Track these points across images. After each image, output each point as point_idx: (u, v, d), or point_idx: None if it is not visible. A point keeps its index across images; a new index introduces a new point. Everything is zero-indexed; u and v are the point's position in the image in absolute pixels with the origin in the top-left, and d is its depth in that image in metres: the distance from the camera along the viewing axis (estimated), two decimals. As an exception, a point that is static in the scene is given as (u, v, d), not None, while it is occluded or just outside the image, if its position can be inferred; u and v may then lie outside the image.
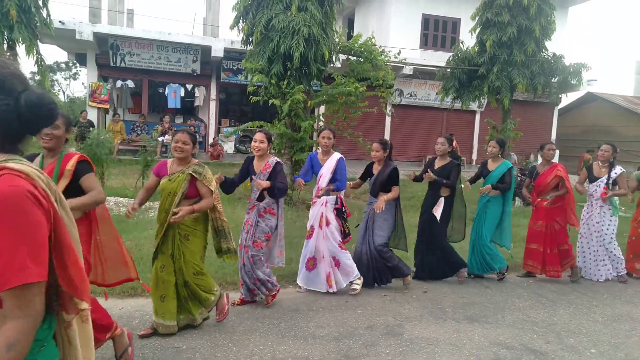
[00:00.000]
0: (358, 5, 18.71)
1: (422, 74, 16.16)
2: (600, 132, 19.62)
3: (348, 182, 5.11)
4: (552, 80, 11.01)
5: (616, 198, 5.72)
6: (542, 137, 18.99)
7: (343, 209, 4.84)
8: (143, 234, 6.10)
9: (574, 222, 5.52)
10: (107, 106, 15.28)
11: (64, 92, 32.68)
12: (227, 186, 4.25)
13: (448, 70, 11.60)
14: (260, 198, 4.28)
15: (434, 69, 12.28)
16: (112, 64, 14.78)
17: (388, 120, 17.21)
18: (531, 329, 4.16)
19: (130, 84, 15.84)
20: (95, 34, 13.80)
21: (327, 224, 4.70)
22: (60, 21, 12.75)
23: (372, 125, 16.27)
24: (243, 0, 8.56)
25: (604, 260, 5.77)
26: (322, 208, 4.73)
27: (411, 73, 16.10)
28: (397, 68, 14.23)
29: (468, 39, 11.70)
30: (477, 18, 10.98)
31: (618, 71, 53.10)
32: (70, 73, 32.44)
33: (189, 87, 16.05)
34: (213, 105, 16.37)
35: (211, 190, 3.60)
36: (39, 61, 7.58)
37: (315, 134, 10.00)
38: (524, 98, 16.42)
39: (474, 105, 13.73)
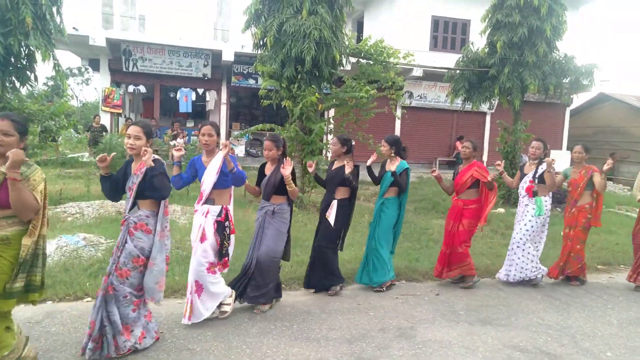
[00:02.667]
0: (367, 8, 18.72)
1: (432, 75, 16.12)
2: (613, 133, 19.39)
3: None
4: (564, 81, 10.92)
5: (544, 199, 5.32)
6: (554, 139, 18.87)
7: (227, 223, 3.96)
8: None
9: (482, 221, 5.20)
10: (120, 111, 15.47)
11: (76, 97, 33.12)
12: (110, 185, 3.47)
13: (457, 71, 11.56)
14: (132, 208, 3.37)
15: (444, 70, 12.24)
16: (124, 69, 14.97)
17: (398, 122, 17.18)
18: (545, 332, 4.13)
19: (143, 88, 16.02)
20: (107, 40, 13.99)
21: (202, 239, 3.85)
22: (74, 27, 12.96)
23: (382, 127, 16.22)
24: (254, 5, 8.62)
25: (524, 261, 5.34)
26: (201, 219, 3.89)
27: (421, 75, 16.06)
28: (406, 70, 14.21)
29: (478, 40, 11.66)
30: (487, 19, 10.93)
31: (633, 70, 52.41)
32: (83, 78, 32.89)
33: (200, 91, 16.20)
34: (224, 109, 16.49)
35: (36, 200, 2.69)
36: (56, 66, 7.71)
37: (325, 137, 10.04)
38: (535, 99, 16.28)
39: (484, 107, 13.66)
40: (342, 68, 9.65)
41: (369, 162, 5.02)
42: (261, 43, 8.95)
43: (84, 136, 16.95)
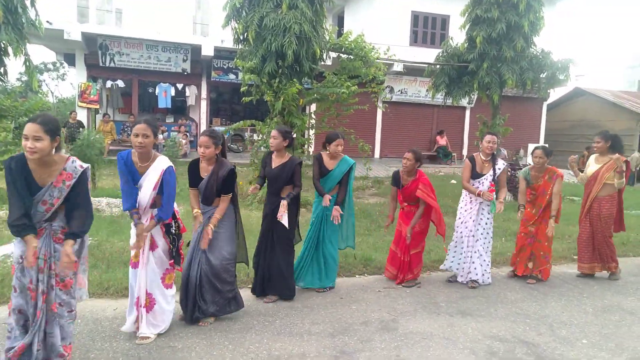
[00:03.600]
0: (348, 3, 18.73)
1: (413, 70, 16.23)
2: (589, 127, 19.83)
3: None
4: (541, 76, 11.11)
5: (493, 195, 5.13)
6: (532, 132, 19.24)
7: (173, 222, 3.66)
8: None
9: (442, 231, 5.06)
10: (97, 106, 15.17)
11: (52, 93, 32.35)
12: None
13: (437, 66, 11.66)
14: (52, 217, 2.86)
15: (425, 66, 12.33)
16: (101, 64, 14.68)
17: (379, 117, 17.27)
18: (523, 322, 4.21)
19: (120, 83, 15.74)
20: (83, 34, 13.69)
21: (153, 247, 3.53)
22: (47, 21, 12.62)
23: (363, 122, 16.31)
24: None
25: (474, 262, 5.15)
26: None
27: (401, 70, 16.16)
28: (387, 65, 14.27)
29: (457, 35, 11.77)
30: (466, 14, 11.04)
31: (608, 65, 53.68)
32: (59, 74, 32.11)
33: (180, 86, 15.99)
34: (204, 105, 16.32)
35: None
36: (27, 62, 7.50)
37: (306, 132, 10.04)
38: (513, 94, 16.57)
39: (464, 102, 13.82)
40: (322, 63, 9.65)
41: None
42: (242, 38, 8.88)
43: (60, 132, 16.60)
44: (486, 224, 5.18)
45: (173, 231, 3.64)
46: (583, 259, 5.61)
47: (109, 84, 15.55)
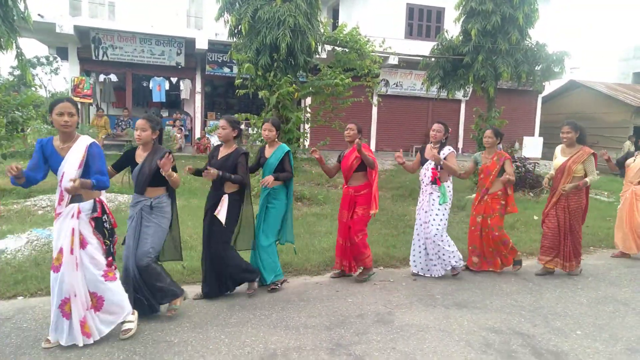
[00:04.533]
0: (342, -4, 18.61)
1: (408, 63, 16.18)
2: (583, 119, 19.86)
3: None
4: (536, 69, 11.10)
5: (447, 185, 5.06)
6: (527, 125, 19.28)
7: (104, 217, 3.43)
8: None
9: (373, 209, 4.83)
10: (91, 101, 15.04)
11: (45, 87, 32.09)
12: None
13: (432, 59, 11.63)
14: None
15: (420, 58, 12.29)
16: (94, 58, 14.54)
17: (375, 110, 17.24)
18: (518, 313, 4.24)
19: (114, 77, 15.61)
20: (76, 28, 13.54)
21: (83, 244, 3.28)
22: (39, 14, 12.48)
23: (359, 115, 16.27)
24: (228, -9, 8.47)
25: (432, 258, 5.09)
26: (72, 222, 3.25)
27: (397, 63, 16.11)
28: (382, 58, 14.22)
29: (452, 28, 11.73)
30: (461, 7, 11.00)
31: (602, 58, 53.78)
32: (52, 68, 31.84)
33: (174, 80, 15.87)
34: (198, 98, 16.22)
35: None
36: (19, 55, 7.39)
37: (302, 126, 10.00)
38: (508, 86, 16.55)
39: (459, 95, 13.81)
40: (317, 56, 9.59)
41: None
42: (235, 30, 8.82)
43: (53, 127, 16.49)
44: (437, 214, 5.01)
45: (106, 227, 3.43)
46: (545, 252, 5.39)
47: (102, 78, 15.42)
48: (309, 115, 9.67)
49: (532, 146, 17.03)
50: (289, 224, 4.74)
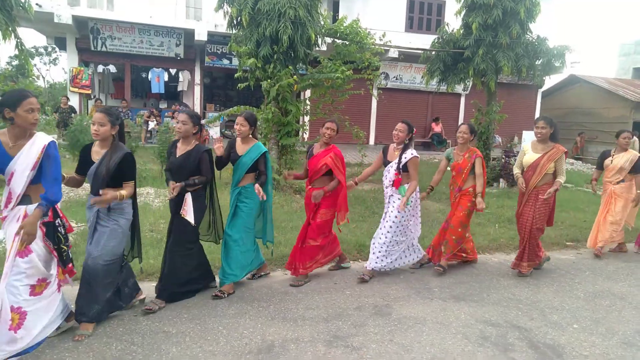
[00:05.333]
0: (343, -12, 18.49)
1: (408, 57, 16.12)
2: (583, 114, 19.87)
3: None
4: (536, 63, 11.07)
5: (406, 186, 4.73)
6: (526, 120, 19.24)
7: (57, 221, 3.15)
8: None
9: (342, 218, 4.65)
10: (89, 91, 15.00)
11: (43, 78, 31.93)
12: None
13: (433, 53, 11.59)
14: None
15: (420, 52, 12.25)
16: (92, 48, 14.47)
17: (374, 103, 17.20)
18: (516, 307, 4.25)
19: (112, 68, 15.55)
20: (74, 18, 13.46)
21: (24, 252, 2.90)
22: (37, 4, 12.40)
23: (358, 109, 16.26)
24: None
25: (392, 253, 4.85)
26: (17, 226, 2.88)
27: (397, 56, 16.05)
28: (382, 51, 14.17)
29: (453, 21, 11.68)
30: (462, 0, 10.94)
31: (601, 53, 53.67)
32: (50, 58, 31.69)
33: (173, 71, 15.82)
34: (197, 90, 16.17)
35: None
36: (19, 45, 7.35)
37: (301, 119, 9.98)
38: (508, 81, 16.51)
39: (458, 88, 13.77)
40: (317, 48, 9.55)
41: (218, 153, 4.23)
42: (235, 22, 8.76)
43: (52, 118, 16.45)
44: (402, 217, 4.75)
45: (60, 232, 3.15)
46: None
47: (100, 68, 15.36)
48: (308, 107, 9.65)
49: (531, 141, 17.02)
50: (269, 224, 4.53)
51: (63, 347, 3.14)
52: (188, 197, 3.84)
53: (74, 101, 14.61)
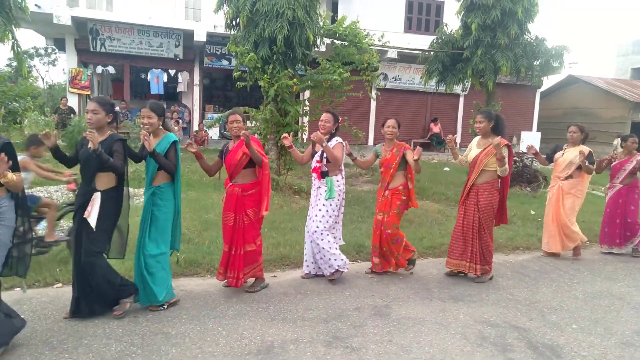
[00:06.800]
0: (342, -12, 18.51)
1: (407, 57, 16.14)
2: (581, 114, 19.92)
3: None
4: (535, 63, 11.10)
5: (336, 179, 4.59)
6: (525, 120, 19.28)
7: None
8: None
9: (266, 207, 4.20)
10: (88, 92, 15.00)
11: (43, 79, 31.91)
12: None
13: (431, 53, 11.61)
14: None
15: (419, 52, 12.27)
16: (92, 49, 14.48)
17: (373, 104, 17.22)
18: (515, 307, 4.26)
19: (111, 69, 15.56)
20: (73, 19, 13.47)
21: None
22: (36, 5, 12.41)
23: (357, 109, 16.27)
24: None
25: (316, 254, 4.58)
26: None
27: (396, 57, 16.08)
28: (381, 52, 14.18)
29: (452, 22, 11.70)
30: (461, 1, 10.96)
31: (599, 53, 53.78)
32: (49, 59, 31.65)
33: (172, 72, 15.83)
34: (197, 91, 16.18)
35: None
36: (15, 47, 7.35)
37: (300, 119, 9.98)
38: (506, 81, 16.55)
39: (457, 89, 13.80)
40: (316, 49, 9.56)
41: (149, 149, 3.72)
42: (234, 23, 8.77)
43: (51, 119, 16.46)
44: (320, 210, 4.55)
45: None
46: (452, 253, 4.95)
47: (99, 69, 15.37)
48: (307, 108, 9.66)
49: (530, 141, 17.04)
50: (178, 229, 4.01)
51: (62, 348, 3.14)
52: (97, 197, 3.44)
53: (73, 102, 14.61)
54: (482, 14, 10.33)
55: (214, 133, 16.27)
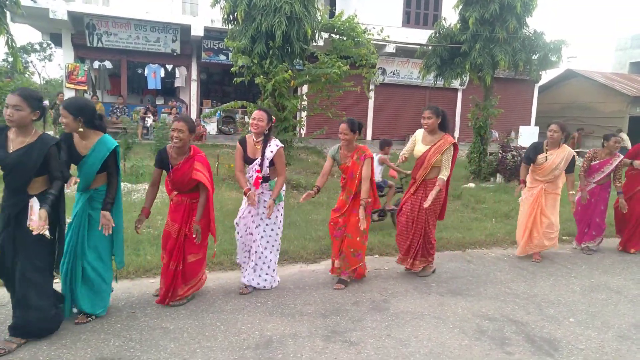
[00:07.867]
0: (340, -18, 18.42)
1: (405, 52, 16.10)
2: (579, 109, 19.92)
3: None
4: (533, 57, 11.07)
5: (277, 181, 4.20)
6: (523, 114, 19.28)
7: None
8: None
9: (212, 229, 3.91)
10: (85, 88, 14.94)
11: (39, 74, 31.77)
12: None
13: (429, 47, 11.57)
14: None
15: (417, 47, 12.22)
16: (88, 44, 14.40)
17: (371, 99, 17.20)
18: (513, 301, 4.27)
19: (108, 64, 15.48)
20: (69, 13, 13.38)
21: None
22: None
23: (355, 104, 16.23)
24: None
25: (253, 264, 4.17)
26: None
27: (394, 51, 16.03)
28: (379, 46, 14.14)
29: (451, 16, 11.66)
30: (459, -6, 10.91)
31: (598, 48, 53.73)
32: (46, 54, 31.50)
33: (169, 67, 15.75)
34: (194, 86, 16.12)
35: None
36: (9, 42, 7.29)
37: (298, 114, 9.96)
38: (504, 75, 16.53)
39: (455, 83, 13.77)
40: (314, 44, 9.52)
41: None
42: (231, 17, 8.72)
43: (47, 114, 16.43)
44: (270, 217, 4.15)
45: None
46: (402, 250, 4.83)
47: (96, 64, 15.29)
48: (305, 103, 9.63)
49: (528, 135, 17.03)
50: (120, 240, 3.60)
51: (60, 343, 3.14)
52: (34, 203, 2.92)
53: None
54: (480, 7, 10.28)
55: (211, 128, 16.24)
